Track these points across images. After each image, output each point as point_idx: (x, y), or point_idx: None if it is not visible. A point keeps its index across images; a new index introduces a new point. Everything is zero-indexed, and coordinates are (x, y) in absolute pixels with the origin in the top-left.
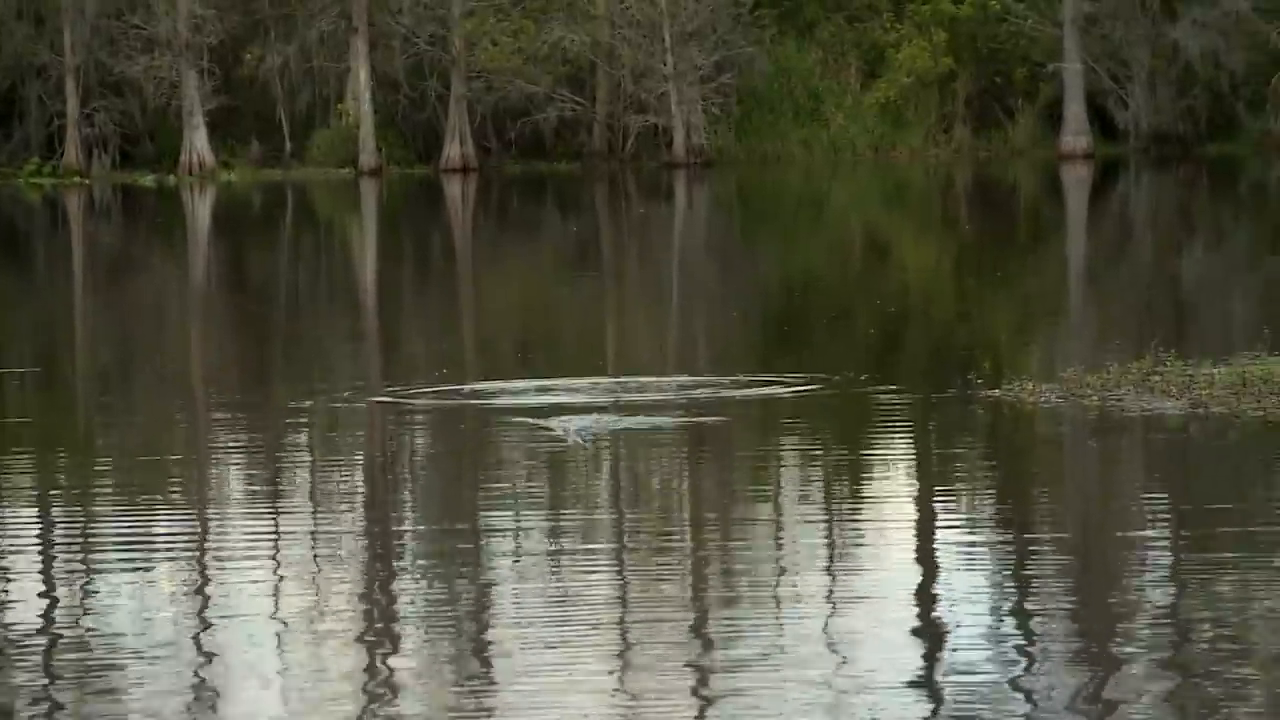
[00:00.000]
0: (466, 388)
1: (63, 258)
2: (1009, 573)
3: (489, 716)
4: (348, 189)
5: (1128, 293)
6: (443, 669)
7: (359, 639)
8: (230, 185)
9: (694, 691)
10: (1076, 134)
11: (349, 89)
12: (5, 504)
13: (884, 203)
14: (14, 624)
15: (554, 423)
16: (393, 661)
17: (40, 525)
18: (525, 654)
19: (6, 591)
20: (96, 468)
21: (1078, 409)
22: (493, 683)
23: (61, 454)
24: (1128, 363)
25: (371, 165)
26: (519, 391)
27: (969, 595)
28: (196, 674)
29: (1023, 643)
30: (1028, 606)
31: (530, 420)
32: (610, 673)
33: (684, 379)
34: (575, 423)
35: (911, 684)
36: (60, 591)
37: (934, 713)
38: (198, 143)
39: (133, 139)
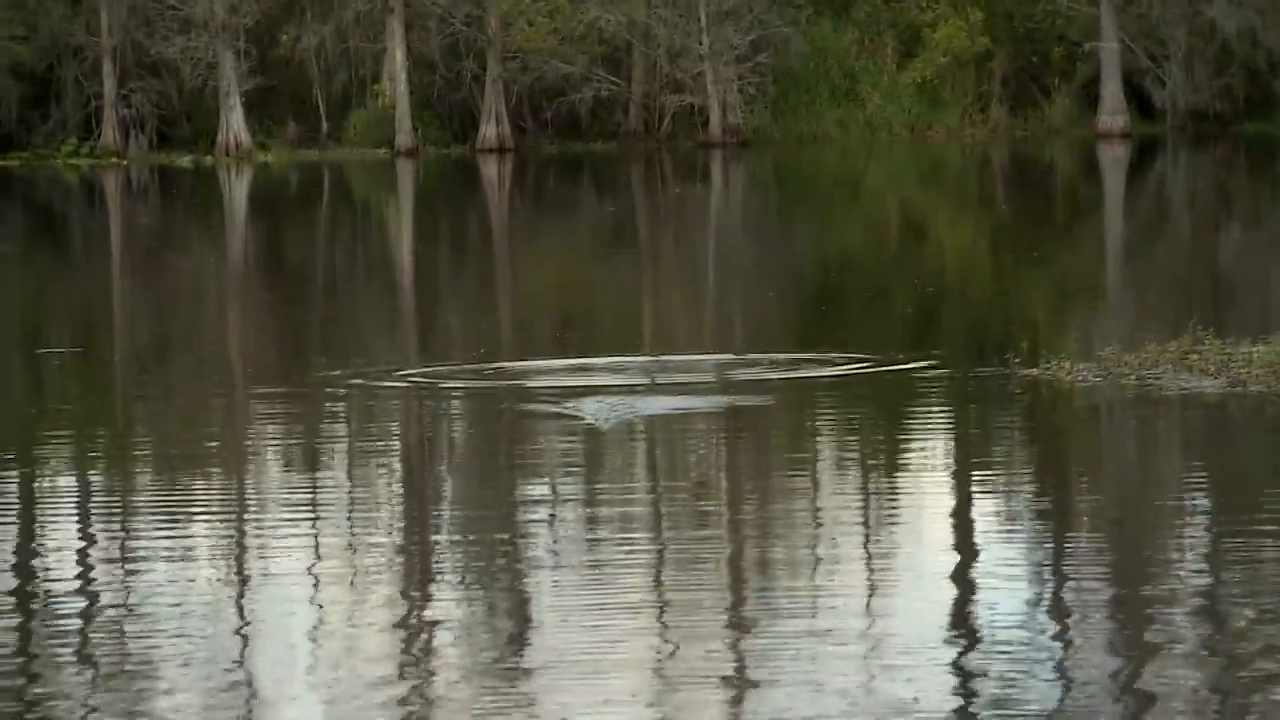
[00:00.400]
0: (499, 366)
1: (101, 238)
2: (1047, 551)
3: (527, 679)
4: (384, 169)
5: (1165, 271)
6: (479, 633)
7: (396, 602)
8: (267, 166)
9: (734, 667)
10: (1113, 113)
11: (385, 69)
12: (49, 479)
13: (920, 182)
14: (54, 592)
15: (579, 405)
16: (430, 623)
17: (81, 496)
18: (563, 630)
19: (46, 562)
20: (136, 441)
21: (1116, 388)
22: (531, 647)
23: (100, 432)
24: (1166, 342)
25: (408, 146)
26: (555, 370)
27: (1007, 574)
28: (238, 633)
29: (1060, 622)
30: (1066, 584)
31: (553, 406)
32: (649, 649)
33: (722, 358)
34: (596, 405)
35: (950, 663)
36: (99, 562)
37: (972, 691)
38: (234, 123)
39: (170, 120)
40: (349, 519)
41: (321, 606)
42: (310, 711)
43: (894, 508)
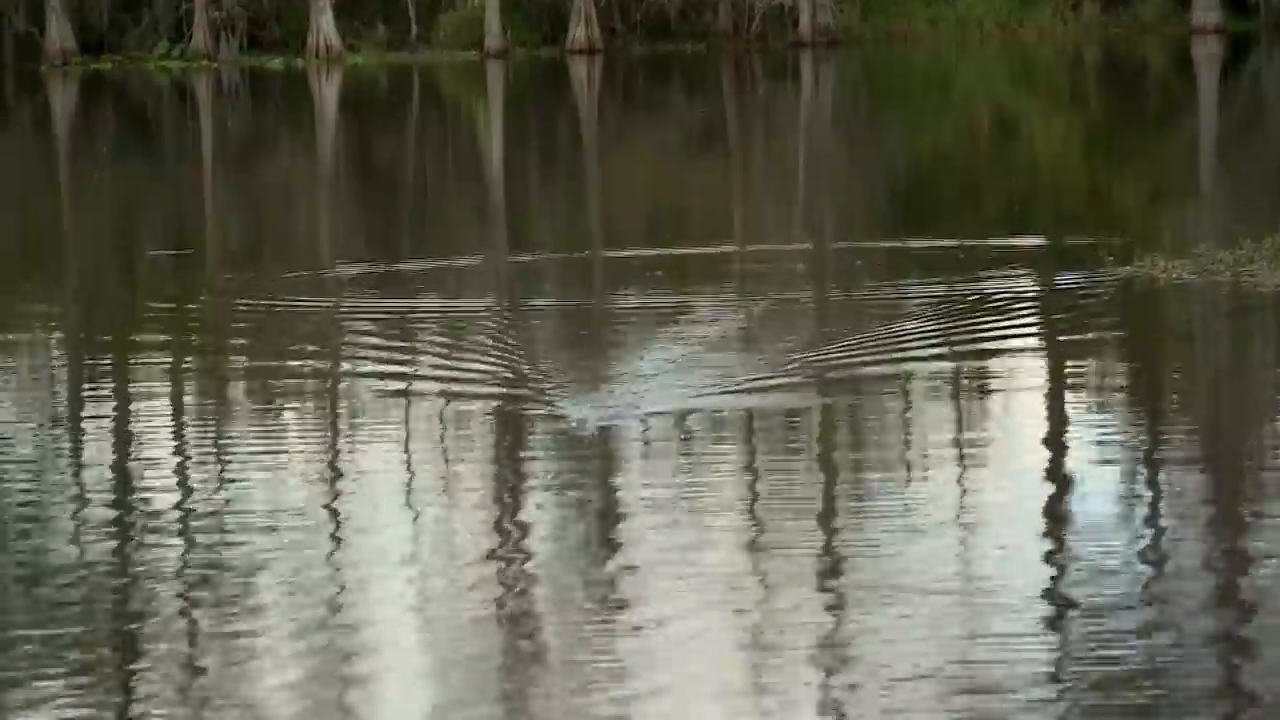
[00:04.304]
0: (589, 254)
1: (197, 140)
2: (1141, 459)
3: (621, 578)
4: (473, 71)
5: (1260, 168)
6: (573, 536)
7: (489, 512)
8: (357, 68)
9: (824, 605)
10: (1207, 9)
11: None
12: (148, 379)
13: (1012, 80)
14: (149, 493)
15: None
16: (523, 525)
17: (178, 398)
18: (656, 533)
19: (143, 466)
20: (235, 342)
21: (1210, 285)
22: (625, 549)
23: (200, 336)
24: (1261, 238)
25: (497, 47)
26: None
27: (1101, 488)
28: (332, 537)
29: (1155, 545)
30: (1160, 499)
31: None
32: (739, 547)
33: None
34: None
35: (1042, 594)
36: (196, 463)
37: (1064, 629)
38: (324, 26)
39: (260, 22)
40: (441, 423)
41: (412, 508)
42: (401, 613)
43: (983, 412)
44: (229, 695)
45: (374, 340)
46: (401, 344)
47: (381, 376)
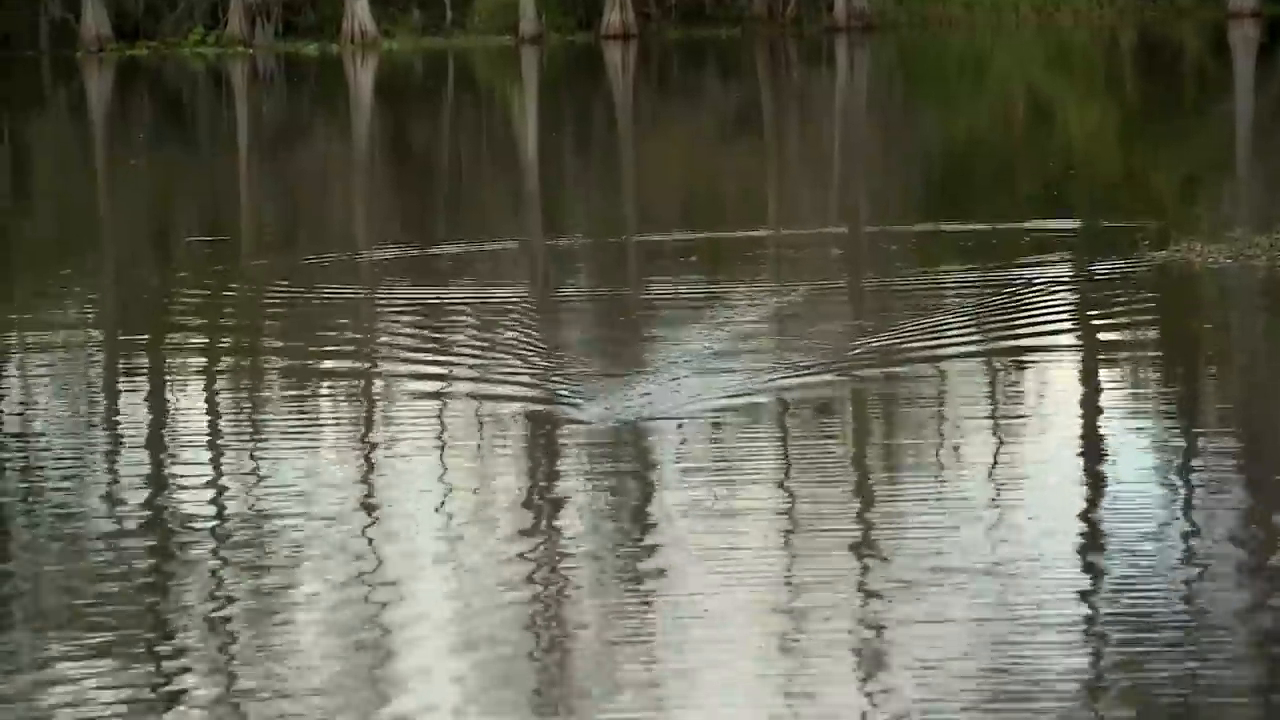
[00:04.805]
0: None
1: (233, 126)
2: (1176, 442)
3: (651, 555)
4: (508, 56)
5: None
6: (606, 511)
7: (524, 487)
8: (392, 53)
9: (859, 584)
10: None
11: None
12: (183, 360)
13: (1048, 64)
14: (185, 473)
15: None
16: (556, 501)
17: (212, 380)
18: (689, 517)
19: (177, 443)
20: (271, 323)
21: (1246, 269)
22: (658, 529)
23: (238, 319)
24: None
25: (532, 33)
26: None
27: (1135, 467)
28: (366, 510)
29: (1191, 520)
30: (1194, 479)
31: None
32: (776, 515)
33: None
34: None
35: (1081, 567)
36: (230, 445)
37: (1097, 603)
38: (359, 11)
39: (295, 8)
40: (477, 400)
41: (449, 487)
42: (439, 589)
43: (1018, 391)
44: (265, 655)
45: (406, 330)
46: (434, 333)
47: (411, 363)
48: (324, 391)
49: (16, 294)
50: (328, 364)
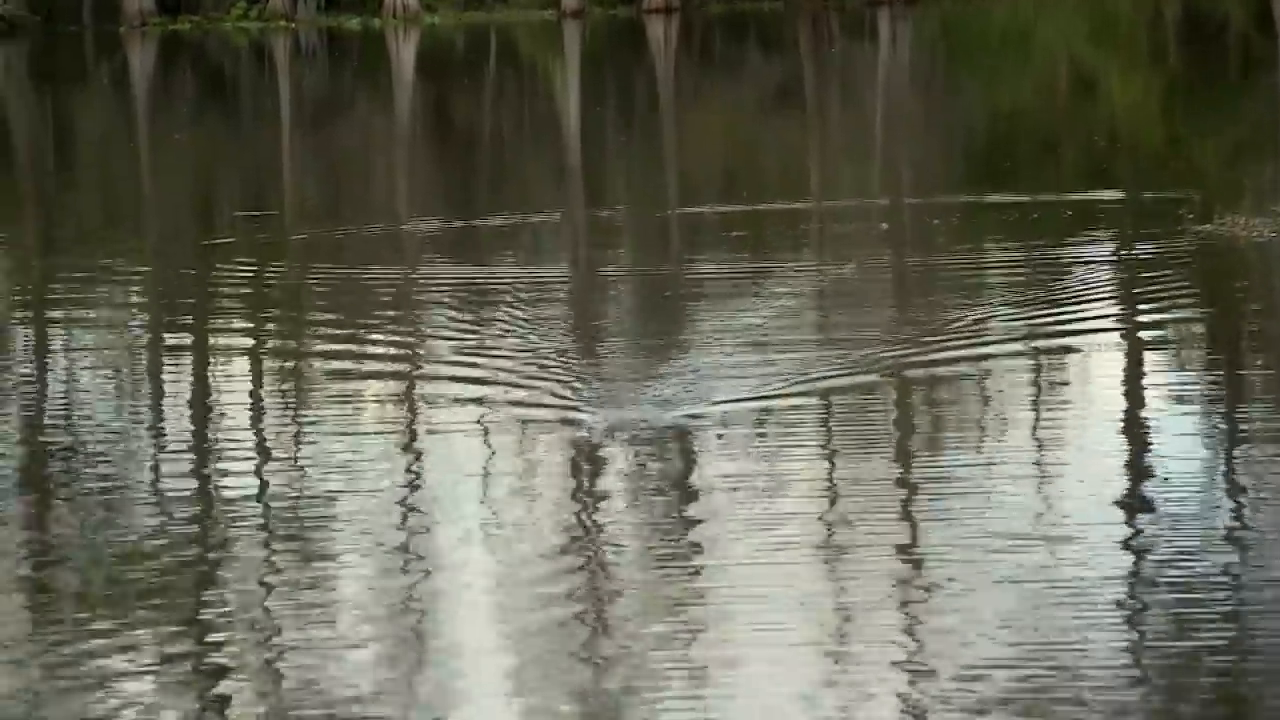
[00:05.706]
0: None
1: (275, 101)
2: (1219, 419)
3: (696, 576)
4: (550, 31)
5: None
6: (647, 493)
7: (566, 460)
8: (434, 28)
9: (897, 552)
10: None
11: None
12: (229, 337)
13: (1091, 36)
14: (228, 449)
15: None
16: (597, 475)
17: (257, 357)
18: (731, 489)
19: (221, 418)
20: (319, 296)
21: None
22: (699, 504)
23: (284, 294)
24: None
25: (574, 7)
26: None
27: (1177, 443)
28: (408, 487)
29: (1232, 496)
30: (1235, 452)
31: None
32: (816, 492)
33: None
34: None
35: (1122, 543)
36: (273, 422)
37: (1138, 585)
38: None
39: None
40: (516, 378)
41: (489, 463)
42: (479, 573)
43: (1059, 366)
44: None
45: (446, 309)
46: (474, 311)
47: (451, 340)
48: (366, 368)
49: (61, 269)
50: (374, 338)
